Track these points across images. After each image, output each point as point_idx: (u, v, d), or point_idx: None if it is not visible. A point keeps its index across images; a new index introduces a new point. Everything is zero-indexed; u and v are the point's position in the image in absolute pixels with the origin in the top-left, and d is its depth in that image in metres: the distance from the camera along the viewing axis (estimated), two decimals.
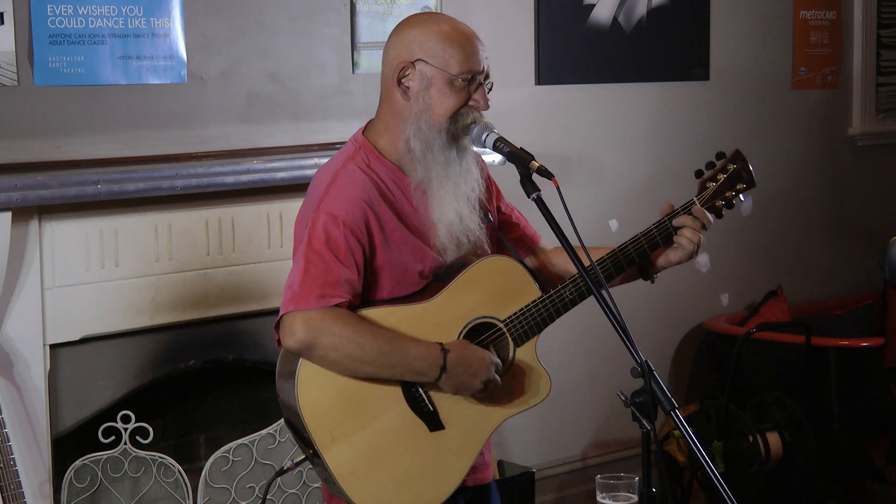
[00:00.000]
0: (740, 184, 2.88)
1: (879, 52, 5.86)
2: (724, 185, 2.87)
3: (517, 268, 2.72)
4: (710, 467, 2.30)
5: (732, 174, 2.88)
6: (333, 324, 2.53)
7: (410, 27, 2.69)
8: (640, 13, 5.04)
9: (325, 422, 2.59)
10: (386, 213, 2.64)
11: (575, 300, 2.71)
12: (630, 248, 2.77)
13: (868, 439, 5.04)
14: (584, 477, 5.00)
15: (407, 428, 2.63)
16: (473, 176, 2.70)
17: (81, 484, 3.72)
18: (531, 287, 2.71)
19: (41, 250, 3.56)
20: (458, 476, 2.67)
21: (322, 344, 2.54)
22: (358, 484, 2.61)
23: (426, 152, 2.64)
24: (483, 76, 2.67)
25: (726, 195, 2.87)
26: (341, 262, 2.57)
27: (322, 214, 2.59)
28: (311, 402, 2.60)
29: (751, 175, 2.90)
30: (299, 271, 2.57)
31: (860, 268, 5.88)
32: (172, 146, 3.83)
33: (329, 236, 2.57)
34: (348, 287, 2.57)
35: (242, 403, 4.21)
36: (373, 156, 2.68)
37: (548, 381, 2.72)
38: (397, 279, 2.65)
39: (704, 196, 2.86)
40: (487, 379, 2.61)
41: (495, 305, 2.69)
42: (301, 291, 2.55)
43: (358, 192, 2.61)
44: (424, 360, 2.58)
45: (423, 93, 2.64)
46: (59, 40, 3.61)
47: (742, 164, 2.89)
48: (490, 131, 2.65)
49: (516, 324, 2.69)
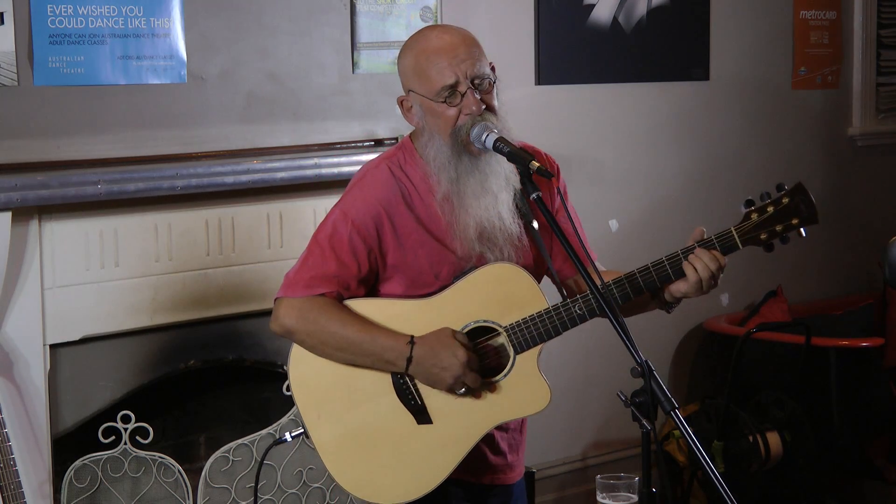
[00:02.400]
0: (796, 218, 2.63)
1: (879, 52, 5.86)
2: (774, 217, 2.63)
3: (524, 277, 2.70)
4: (710, 467, 2.30)
5: (786, 207, 2.63)
6: (310, 311, 2.67)
7: (401, 56, 2.76)
8: (640, 13, 5.04)
9: (313, 399, 2.73)
10: (404, 215, 2.69)
11: (584, 316, 2.66)
12: (638, 278, 2.66)
13: (868, 439, 5.04)
14: (584, 477, 5.00)
15: (394, 418, 2.70)
16: (500, 175, 2.68)
17: (81, 484, 3.72)
18: (537, 297, 2.69)
19: (41, 250, 3.56)
20: (442, 472, 2.70)
21: (299, 330, 2.70)
22: (340, 463, 2.72)
23: (441, 170, 2.69)
24: (468, 82, 2.65)
25: (775, 228, 2.64)
26: (339, 258, 2.68)
27: (338, 210, 2.73)
28: (300, 377, 2.75)
29: (813, 210, 2.63)
30: (300, 260, 2.74)
31: (860, 268, 5.88)
32: (172, 146, 3.84)
33: (335, 232, 2.69)
34: (338, 282, 2.69)
35: (242, 403, 4.21)
36: (410, 158, 2.75)
37: (547, 392, 2.70)
38: (412, 280, 2.71)
39: (745, 227, 2.64)
40: (457, 374, 2.63)
41: (497, 311, 2.69)
42: (293, 279, 2.72)
43: (377, 194, 2.70)
44: (392, 351, 2.66)
45: (423, 119, 2.71)
46: (59, 40, 3.61)
47: (803, 198, 2.62)
48: (490, 131, 2.64)
49: (518, 331, 2.68)
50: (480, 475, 2.81)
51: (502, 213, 2.68)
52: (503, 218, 2.68)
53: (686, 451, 4.94)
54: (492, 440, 2.80)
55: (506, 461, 2.84)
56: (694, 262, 2.63)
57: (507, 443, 2.84)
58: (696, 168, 5.31)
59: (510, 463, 2.85)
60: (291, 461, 4.06)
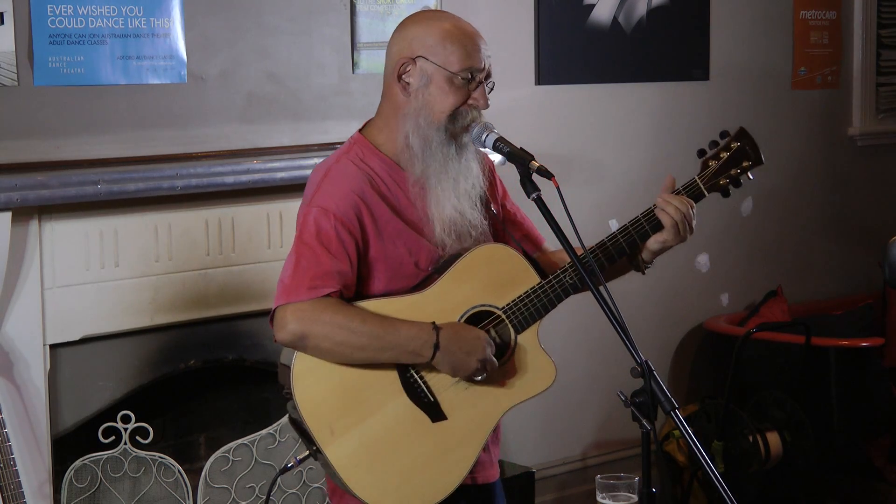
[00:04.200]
0: (746, 161, 2.81)
1: (879, 52, 5.86)
2: (728, 163, 2.81)
3: (514, 255, 2.71)
4: (710, 467, 2.30)
5: (736, 152, 2.81)
6: (323, 312, 2.55)
7: (413, 24, 2.70)
8: (640, 13, 5.04)
9: (324, 416, 2.61)
10: (379, 205, 2.65)
11: (576, 285, 2.68)
12: (619, 239, 2.74)
13: (868, 439, 5.04)
14: (584, 477, 5.00)
15: (408, 420, 2.63)
16: (474, 173, 2.70)
17: (81, 484, 3.72)
18: (529, 273, 2.70)
19: (41, 250, 3.56)
20: (465, 466, 2.66)
21: (313, 333, 2.56)
22: (361, 477, 2.61)
23: (424, 149, 2.65)
24: (484, 75, 2.67)
25: (731, 173, 2.81)
26: (332, 254, 2.59)
27: (313, 209, 2.62)
28: (308, 396, 2.61)
29: (758, 152, 2.82)
30: (291, 265, 2.61)
31: (860, 268, 5.88)
32: (172, 146, 3.83)
33: (320, 229, 2.60)
34: (339, 278, 2.59)
35: (242, 403, 4.21)
36: (368, 151, 2.70)
37: (552, 366, 2.70)
38: (393, 272, 2.66)
39: (706, 174, 2.81)
40: (483, 358, 2.61)
41: (493, 293, 2.68)
42: (292, 284, 2.58)
43: (350, 186, 2.63)
44: (417, 339, 2.59)
45: (423, 89, 2.65)
46: (59, 40, 3.61)
47: (747, 141, 2.82)
48: (490, 131, 2.65)
49: (516, 311, 2.68)
50: (471, 474, 2.74)
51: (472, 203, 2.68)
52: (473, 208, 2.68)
53: (686, 451, 4.94)
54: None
55: (490, 457, 2.81)
56: (665, 206, 2.76)
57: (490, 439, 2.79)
58: (695, 168, 5.30)
59: (492, 459, 2.83)
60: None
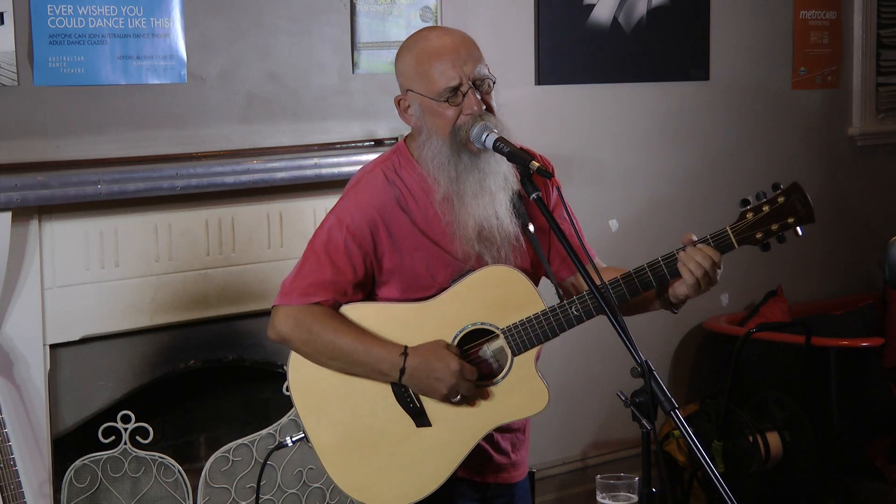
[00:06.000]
0: (791, 217, 2.59)
1: (879, 52, 5.86)
2: (769, 217, 2.60)
3: (521, 279, 2.70)
4: (710, 467, 2.30)
5: (782, 206, 2.59)
6: (306, 320, 2.69)
7: (399, 55, 2.76)
8: (640, 13, 5.04)
9: (313, 404, 2.75)
10: (400, 219, 2.70)
11: (581, 317, 2.65)
12: (634, 278, 2.64)
13: (868, 439, 5.04)
14: (584, 477, 5.00)
15: (393, 421, 2.71)
16: (499, 175, 2.68)
17: (81, 484, 3.72)
18: (534, 299, 2.69)
19: (41, 250, 3.56)
20: (442, 474, 2.71)
21: (295, 338, 2.72)
22: (340, 466, 2.74)
23: (440, 170, 2.69)
24: (469, 83, 2.66)
25: (770, 227, 2.60)
26: (335, 265, 2.69)
27: (333, 217, 2.73)
28: (300, 382, 2.76)
29: (809, 209, 2.60)
30: (296, 267, 2.76)
31: (860, 268, 5.88)
32: (172, 146, 3.84)
33: (330, 239, 2.70)
34: (334, 289, 2.70)
35: (242, 403, 4.21)
36: (405, 161, 2.75)
37: (545, 392, 2.70)
38: (408, 283, 2.71)
39: (741, 226, 2.62)
40: (452, 385, 2.64)
41: (497, 313, 2.69)
42: (290, 287, 2.73)
43: (372, 199, 2.70)
44: (386, 362, 2.68)
45: (422, 119, 2.71)
46: (59, 40, 3.61)
47: (798, 196, 2.59)
48: (490, 131, 2.65)
49: (515, 333, 2.68)
50: (485, 474, 2.82)
51: (499, 212, 2.68)
52: (500, 217, 2.68)
53: (686, 451, 4.94)
54: (494, 440, 2.80)
55: (510, 460, 2.85)
56: (686, 262, 2.61)
57: (509, 442, 2.84)
58: (695, 168, 5.31)
59: (514, 462, 2.86)
60: (291, 461, 4.06)
